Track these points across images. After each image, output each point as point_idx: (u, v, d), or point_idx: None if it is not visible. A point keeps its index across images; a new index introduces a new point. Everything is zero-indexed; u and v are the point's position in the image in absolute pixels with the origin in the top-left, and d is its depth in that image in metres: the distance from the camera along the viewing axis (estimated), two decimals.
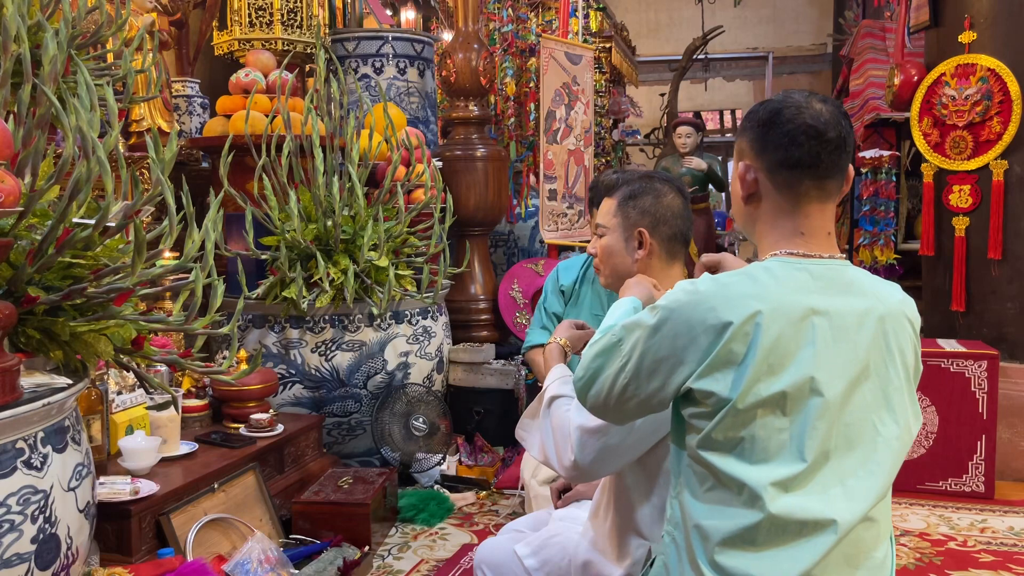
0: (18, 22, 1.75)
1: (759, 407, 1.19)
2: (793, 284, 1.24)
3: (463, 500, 3.43)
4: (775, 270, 1.26)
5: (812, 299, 1.23)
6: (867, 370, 1.26)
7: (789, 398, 1.20)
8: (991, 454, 3.49)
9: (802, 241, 1.30)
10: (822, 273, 1.27)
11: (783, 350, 1.20)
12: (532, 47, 5.01)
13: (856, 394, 1.25)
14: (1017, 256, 3.77)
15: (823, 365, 1.21)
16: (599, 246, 1.81)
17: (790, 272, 1.26)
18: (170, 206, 1.84)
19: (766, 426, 1.20)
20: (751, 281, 1.24)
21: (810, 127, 1.26)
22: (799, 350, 1.20)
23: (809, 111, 1.27)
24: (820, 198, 1.30)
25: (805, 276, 1.26)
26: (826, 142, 1.26)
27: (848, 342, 1.24)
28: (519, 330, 4.40)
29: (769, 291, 1.22)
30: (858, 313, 1.26)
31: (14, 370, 1.57)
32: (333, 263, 3.29)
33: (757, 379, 1.19)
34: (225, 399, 3.14)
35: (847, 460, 1.24)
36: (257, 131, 3.57)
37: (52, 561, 1.58)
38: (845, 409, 1.23)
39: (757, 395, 1.19)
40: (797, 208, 1.30)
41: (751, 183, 1.32)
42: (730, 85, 10.60)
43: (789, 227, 1.30)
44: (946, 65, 3.88)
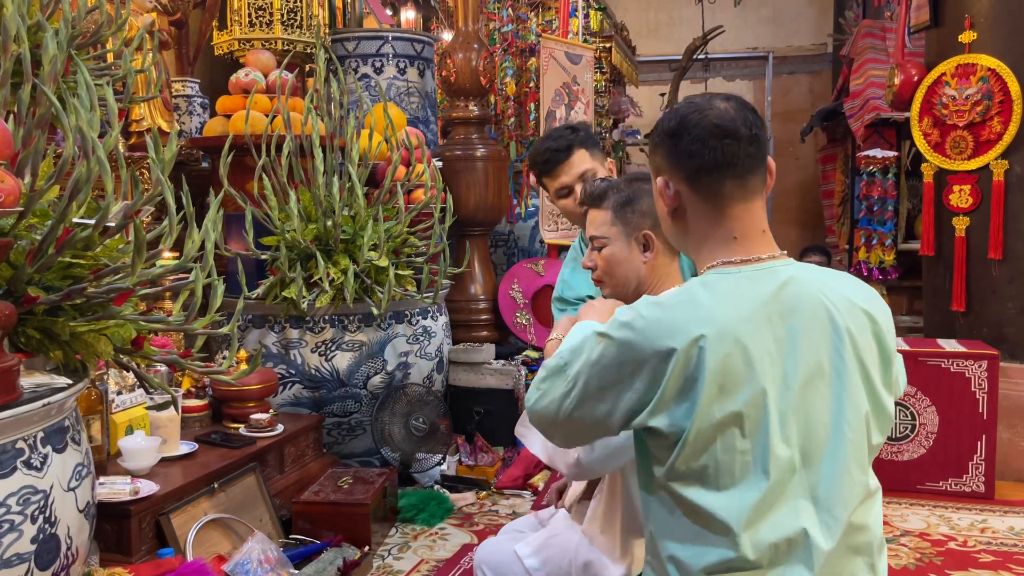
0: (18, 22, 1.75)
1: (716, 431, 1.16)
2: (735, 298, 1.21)
3: (463, 500, 3.43)
4: (714, 285, 1.23)
5: (755, 309, 1.20)
6: (821, 370, 1.22)
7: (745, 417, 1.17)
8: (991, 454, 3.49)
9: (737, 245, 1.26)
10: (763, 277, 1.24)
11: (732, 369, 1.16)
12: (532, 47, 5.01)
13: (813, 397, 1.21)
14: (1017, 256, 3.77)
15: (774, 376, 1.18)
16: (601, 258, 1.76)
17: (730, 284, 1.22)
18: (170, 206, 1.84)
19: (727, 449, 1.17)
20: (691, 304, 1.20)
21: (717, 127, 1.22)
22: (748, 366, 1.17)
23: (713, 112, 1.24)
24: (745, 197, 1.25)
25: (745, 284, 1.22)
26: (739, 139, 1.23)
27: (796, 346, 1.20)
28: (519, 330, 4.40)
29: (710, 311, 1.18)
30: (805, 314, 1.22)
31: (14, 370, 1.57)
32: (333, 263, 3.29)
33: (710, 403, 1.15)
34: (225, 399, 3.14)
35: (813, 470, 1.21)
36: (257, 131, 3.57)
37: (52, 561, 1.58)
38: (803, 415, 1.20)
39: (712, 419, 1.16)
40: (724, 212, 1.26)
41: (672, 197, 1.28)
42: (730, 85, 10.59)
43: (720, 234, 1.26)
44: (946, 65, 3.88)
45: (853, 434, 1.23)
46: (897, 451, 3.58)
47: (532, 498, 3.50)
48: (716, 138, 1.22)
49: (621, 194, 1.74)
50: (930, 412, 3.54)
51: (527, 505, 3.43)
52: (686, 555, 1.21)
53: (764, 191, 1.28)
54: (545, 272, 4.52)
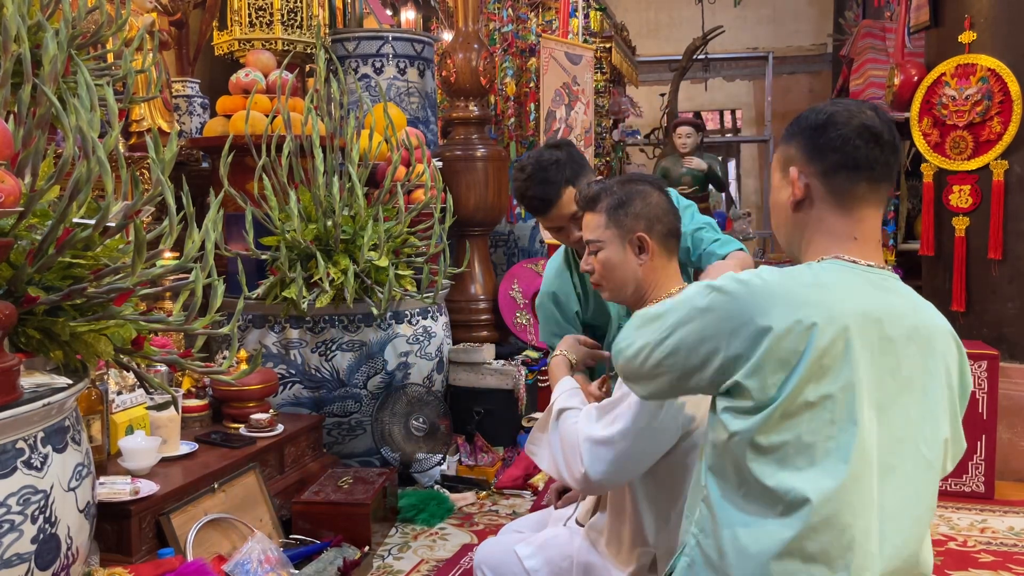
0: (18, 22, 1.75)
1: (805, 409, 1.17)
2: (848, 289, 1.22)
3: (463, 500, 3.43)
4: (831, 272, 1.24)
5: (866, 306, 1.21)
6: (913, 385, 1.23)
7: (836, 401, 1.17)
8: (991, 454, 3.49)
9: (855, 246, 1.28)
10: (877, 282, 1.25)
11: (835, 355, 1.17)
12: (532, 47, 5.01)
13: (903, 408, 1.22)
14: (1017, 256, 3.77)
15: (871, 374, 1.19)
16: (597, 262, 1.76)
17: (847, 276, 1.24)
18: (170, 206, 1.84)
19: (812, 430, 1.17)
20: (813, 284, 1.22)
21: (867, 128, 1.25)
22: (849, 356, 1.18)
23: (862, 115, 1.27)
24: (874, 202, 1.28)
25: (861, 281, 1.24)
26: (883, 144, 1.26)
27: (897, 353, 1.22)
28: (519, 330, 4.40)
29: (825, 297, 1.20)
30: (907, 327, 1.24)
31: (14, 370, 1.57)
32: (333, 263, 3.29)
33: (806, 382, 1.16)
34: (225, 399, 3.14)
35: (887, 479, 1.21)
36: (257, 131, 3.57)
37: (52, 561, 1.58)
38: (888, 423, 1.21)
39: (803, 397, 1.17)
40: (852, 212, 1.28)
41: (803, 188, 1.29)
42: (730, 85, 10.60)
43: (843, 232, 1.28)
44: (946, 65, 3.88)
45: (931, 455, 1.24)
46: None
47: (532, 498, 3.50)
48: (863, 139, 1.25)
49: (614, 197, 1.74)
50: None
51: (527, 505, 3.43)
52: (747, 535, 1.20)
53: (883, 204, 1.31)
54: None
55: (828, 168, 1.27)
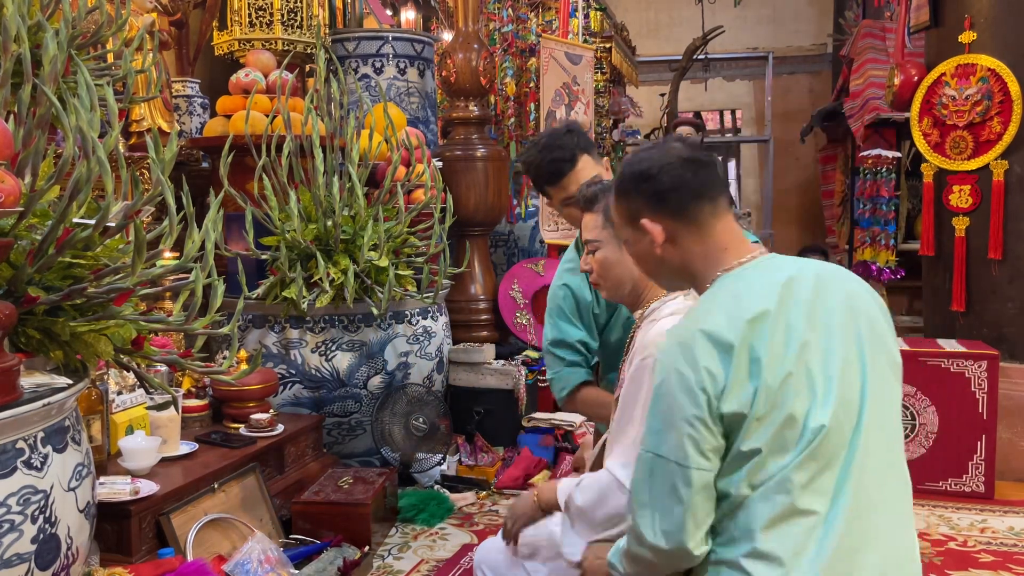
0: (18, 22, 1.75)
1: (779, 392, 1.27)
2: (746, 291, 1.33)
3: (463, 500, 3.43)
4: (724, 286, 1.36)
5: (774, 292, 1.32)
6: (848, 339, 1.33)
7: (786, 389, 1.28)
8: (991, 454, 3.49)
9: (729, 254, 1.40)
10: (768, 265, 1.38)
11: (776, 346, 1.28)
12: (532, 47, 5.00)
13: (847, 374, 1.31)
14: (1017, 256, 3.77)
15: (807, 347, 1.29)
16: (595, 262, 1.79)
17: (738, 283, 1.36)
18: (170, 206, 1.84)
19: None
20: (704, 311, 1.33)
21: (686, 159, 1.39)
22: (786, 342, 1.29)
23: (674, 151, 1.40)
24: (720, 214, 1.40)
25: (755, 275, 1.36)
26: (706, 165, 1.39)
27: (820, 318, 1.32)
28: (519, 330, 4.40)
29: (722, 309, 1.31)
30: (821, 291, 1.34)
31: (14, 370, 1.57)
32: (333, 263, 3.29)
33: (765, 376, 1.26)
34: (225, 399, 3.14)
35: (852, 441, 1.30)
36: (257, 131, 3.57)
37: (52, 561, 1.58)
38: (838, 388, 1.29)
39: (772, 384, 1.27)
40: (711, 231, 1.40)
41: (662, 232, 1.40)
42: (730, 85, 10.59)
43: (713, 250, 1.40)
44: (946, 65, 3.88)
45: (883, 404, 1.35)
46: None
47: None
48: (689, 169, 1.38)
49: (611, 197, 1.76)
50: (930, 412, 3.55)
51: None
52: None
53: (731, 209, 1.44)
54: (545, 272, 4.52)
55: (675, 207, 1.39)
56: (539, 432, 4.01)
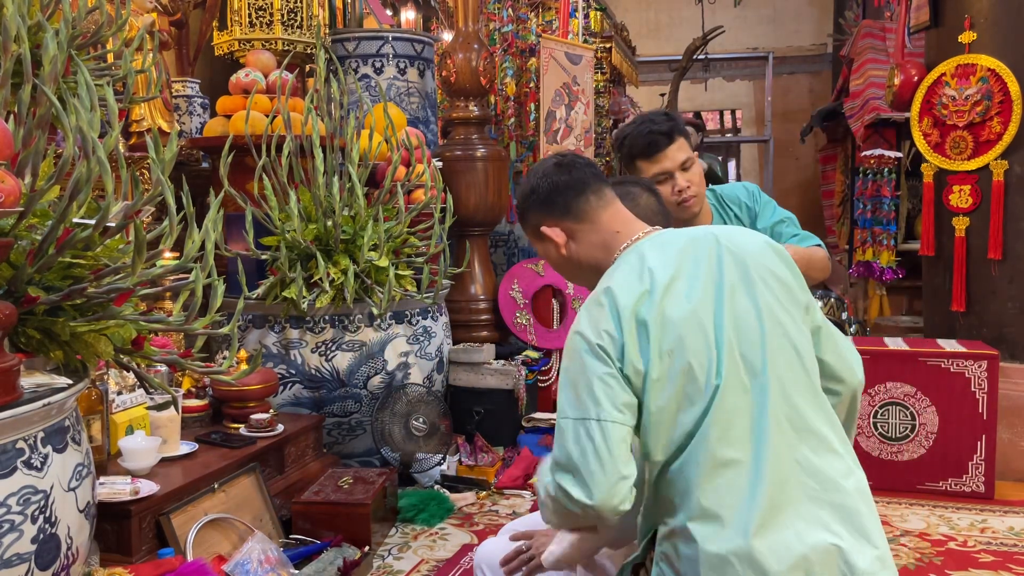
0: (18, 22, 1.75)
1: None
2: (638, 264, 1.45)
3: (463, 500, 3.43)
4: (623, 261, 1.49)
5: (672, 255, 1.44)
6: (735, 288, 1.42)
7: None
8: (991, 454, 3.49)
9: (622, 236, 1.54)
10: (659, 238, 1.51)
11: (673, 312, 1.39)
12: (532, 47, 5.00)
13: (742, 315, 1.41)
14: (1017, 256, 3.77)
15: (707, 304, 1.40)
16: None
17: (634, 255, 1.48)
18: (170, 206, 1.84)
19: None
20: (609, 283, 1.44)
21: (556, 164, 1.59)
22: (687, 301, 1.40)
23: (547, 161, 1.62)
24: (606, 202, 1.56)
25: (648, 246, 1.49)
26: (575, 165, 1.58)
27: (703, 273, 1.43)
28: (519, 330, 4.40)
29: (627, 278, 1.43)
30: (704, 250, 1.45)
31: (14, 370, 1.57)
32: (333, 263, 3.29)
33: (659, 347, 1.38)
34: (225, 399, 3.14)
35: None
36: (257, 131, 3.57)
37: (52, 561, 1.58)
38: (736, 329, 1.40)
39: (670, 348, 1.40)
40: (599, 219, 1.56)
41: (561, 234, 1.57)
42: (730, 85, 10.59)
43: (606, 235, 1.55)
44: (946, 65, 3.88)
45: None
46: (897, 451, 3.58)
47: (532, 498, 3.50)
48: (561, 171, 1.58)
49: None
50: (930, 412, 3.54)
51: (527, 505, 3.43)
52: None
53: (616, 198, 1.59)
54: (545, 272, 4.52)
55: (563, 207, 1.56)
56: (539, 432, 4.01)
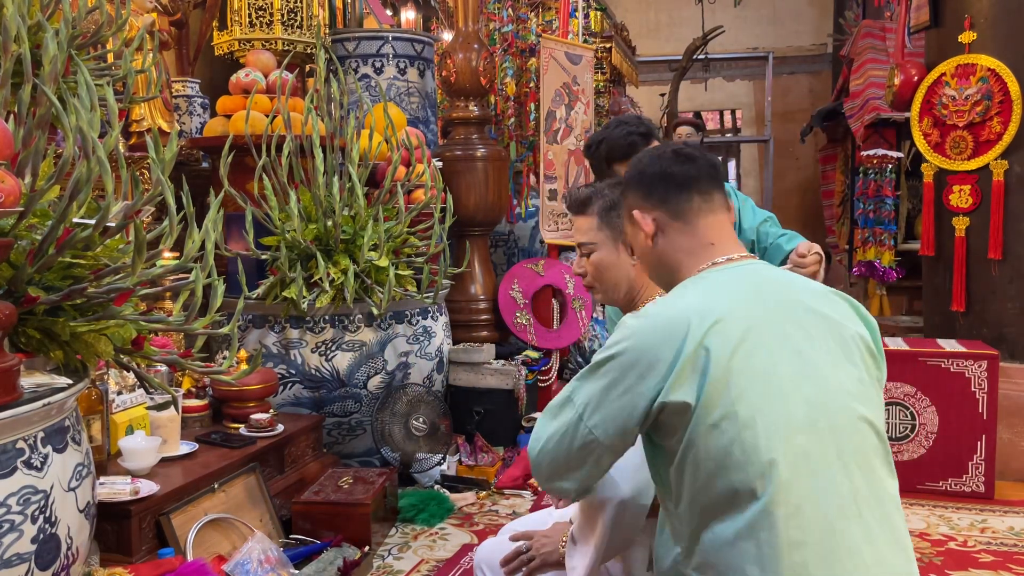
0: (18, 22, 1.75)
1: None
2: (728, 284, 1.35)
3: (463, 500, 3.43)
4: (706, 278, 1.39)
5: (748, 294, 1.34)
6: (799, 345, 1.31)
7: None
8: (991, 454, 3.49)
9: (715, 249, 1.42)
10: (747, 271, 1.39)
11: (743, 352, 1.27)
12: (532, 47, 5.00)
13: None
14: (1017, 256, 3.77)
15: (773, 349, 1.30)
16: (589, 264, 1.78)
17: (722, 275, 1.38)
18: (170, 206, 1.84)
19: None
20: (683, 297, 1.35)
21: (676, 152, 1.45)
22: (755, 348, 1.29)
23: (669, 148, 1.47)
24: (712, 210, 1.43)
25: (736, 274, 1.38)
26: (694, 160, 1.44)
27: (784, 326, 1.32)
28: (519, 330, 4.40)
29: (706, 299, 1.33)
30: (782, 299, 1.35)
31: (14, 370, 1.57)
32: (333, 263, 3.29)
33: (722, 376, 1.26)
34: (225, 399, 3.14)
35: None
36: (257, 131, 3.57)
37: (52, 561, 1.58)
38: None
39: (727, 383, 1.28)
40: (697, 225, 1.43)
41: (651, 222, 1.45)
42: (730, 85, 10.59)
43: (698, 244, 1.42)
44: (946, 65, 3.88)
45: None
46: (897, 451, 3.58)
47: (532, 498, 3.50)
48: (677, 162, 1.44)
49: (606, 199, 1.76)
50: (930, 412, 3.54)
51: (527, 505, 3.43)
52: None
53: (727, 211, 1.46)
54: (545, 272, 4.52)
55: (661, 197, 1.44)
56: None
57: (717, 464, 1.24)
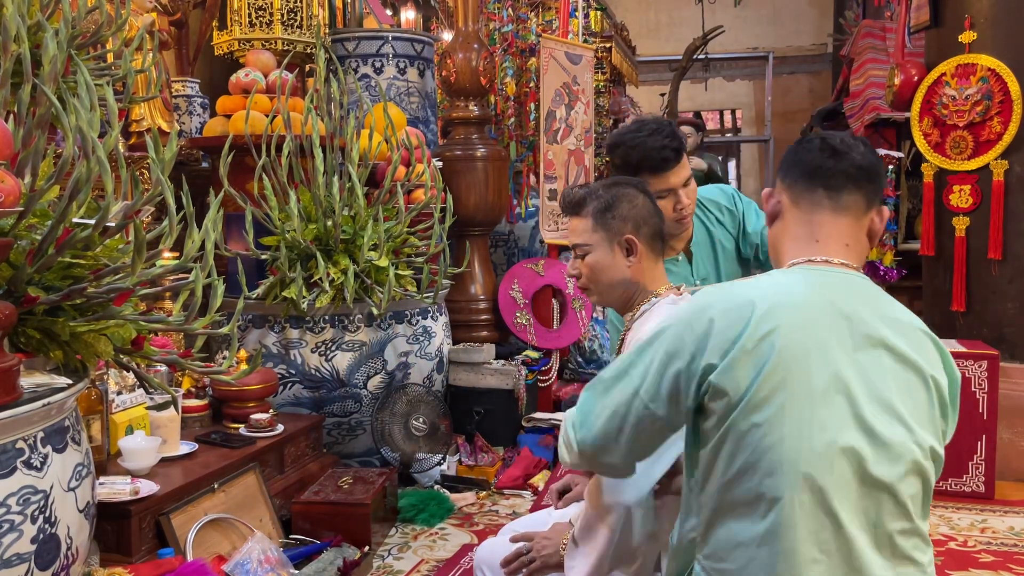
0: (18, 22, 1.75)
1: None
2: (799, 283, 1.31)
3: (463, 500, 3.43)
4: (787, 272, 1.36)
5: (815, 297, 1.29)
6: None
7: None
8: (991, 454, 3.49)
9: (818, 247, 1.36)
10: (834, 277, 1.32)
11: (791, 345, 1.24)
12: (532, 47, 5.00)
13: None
14: (1017, 256, 3.77)
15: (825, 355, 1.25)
16: (584, 266, 1.77)
17: (800, 274, 1.34)
18: (170, 206, 1.84)
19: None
20: (754, 283, 1.32)
21: (826, 143, 1.37)
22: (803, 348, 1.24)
23: (823, 136, 1.39)
24: (835, 209, 1.36)
25: (816, 276, 1.33)
26: (838, 156, 1.36)
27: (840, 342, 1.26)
28: (519, 330, 4.40)
29: (772, 290, 1.29)
30: (858, 317, 1.28)
31: (14, 370, 1.57)
32: (333, 263, 3.29)
33: (773, 370, 1.24)
34: (225, 399, 3.14)
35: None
36: (257, 131, 3.57)
37: (52, 561, 1.58)
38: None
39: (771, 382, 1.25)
40: (812, 217, 1.37)
41: (775, 204, 1.43)
42: (730, 85, 10.59)
43: (804, 235, 1.38)
44: (946, 65, 3.88)
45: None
46: None
47: (532, 498, 3.50)
48: (822, 152, 1.37)
49: (600, 200, 1.75)
50: None
51: (527, 505, 3.43)
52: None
53: (861, 216, 1.37)
54: (545, 272, 4.52)
55: (792, 180, 1.40)
56: (539, 432, 4.01)
57: (749, 464, 1.23)
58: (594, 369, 4.82)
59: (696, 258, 2.29)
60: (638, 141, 2.12)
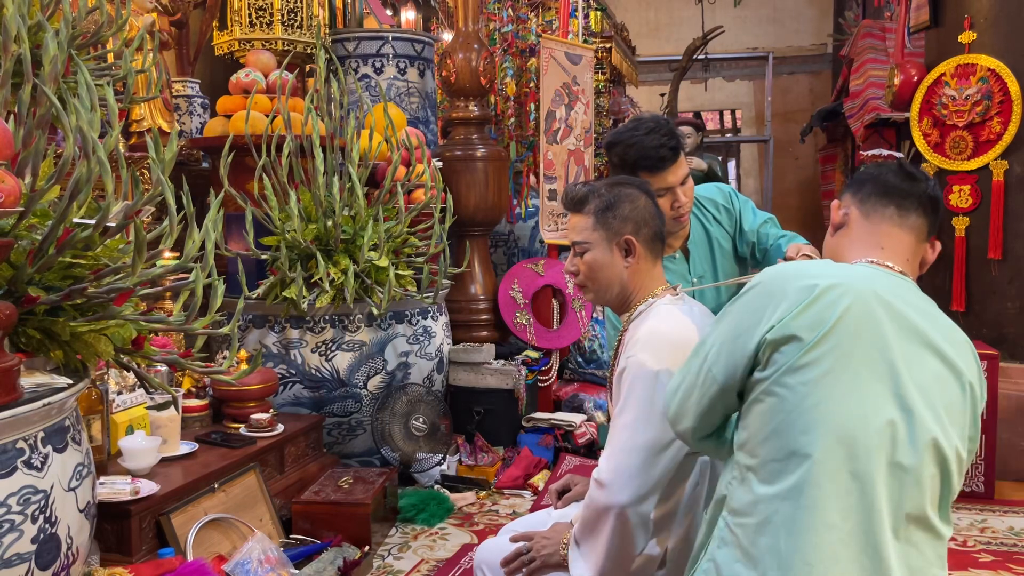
0: (18, 22, 1.75)
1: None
2: (865, 272, 1.38)
3: (463, 500, 3.43)
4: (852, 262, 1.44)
5: (879, 285, 1.34)
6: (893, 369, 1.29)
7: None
8: (991, 454, 3.49)
9: (884, 254, 1.44)
10: (894, 277, 1.39)
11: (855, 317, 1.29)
12: (532, 47, 5.00)
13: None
14: (1017, 256, 3.77)
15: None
16: (582, 263, 1.77)
17: (863, 267, 1.41)
18: (170, 206, 1.84)
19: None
20: (823, 263, 1.41)
21: (902, 166, 1.49)
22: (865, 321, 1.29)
23: (899, 163, 1.52)
24: (902, 226, 1.46)
25: (881, 271, 1.40)
26: (914, 179, 1.47)
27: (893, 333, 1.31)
28: (519, 330, 4.40)
29: (841, 271, 1.36)
30: (905, 318, 1.33)
31: (14, 370, 1.57)
32: (333, 263, 3.29)
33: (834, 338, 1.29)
34: (225, 399, 3.14)
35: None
36: (257, 131, 3.57)
37: (52, 561, 1.58)
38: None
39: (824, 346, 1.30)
40: (879, 228, 1.46)
41: (842, 216, 1.51)
42: (730, 85, 10.59)
43: (871, 241, 1.46)
44: (946, 65, 3.88)
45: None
46: None
47: (532, 498, 3.50)
48: (898, 174, 1.48)
49: (602, 199, 1.75)
50: None
51: (527, 505, 3.43)
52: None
53: (922, 238, 1.47)
54: (545, 272, 4.52)
55: (866, 195, 1.49)
56: (539, 432, 4.01)
57: (787, 422, 1.26)
58: (594, 369, 4.82)
59: (693, 256, 2.30)
60: (635, 139, 2.11)
